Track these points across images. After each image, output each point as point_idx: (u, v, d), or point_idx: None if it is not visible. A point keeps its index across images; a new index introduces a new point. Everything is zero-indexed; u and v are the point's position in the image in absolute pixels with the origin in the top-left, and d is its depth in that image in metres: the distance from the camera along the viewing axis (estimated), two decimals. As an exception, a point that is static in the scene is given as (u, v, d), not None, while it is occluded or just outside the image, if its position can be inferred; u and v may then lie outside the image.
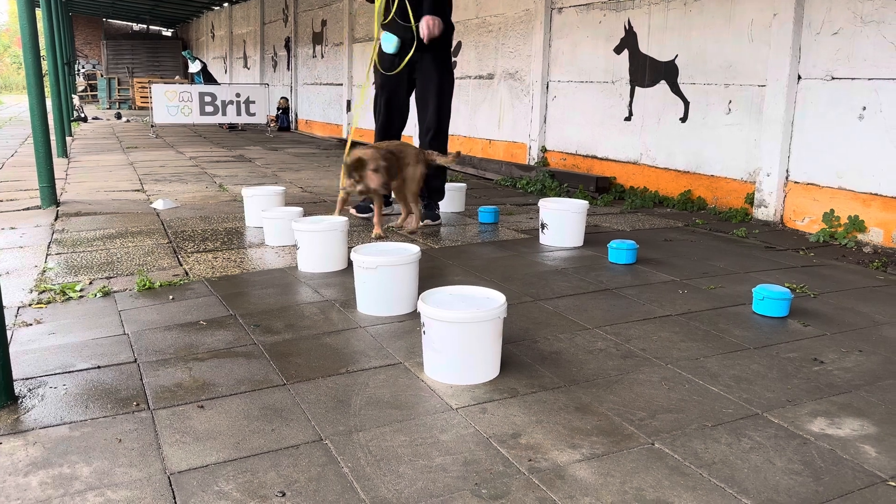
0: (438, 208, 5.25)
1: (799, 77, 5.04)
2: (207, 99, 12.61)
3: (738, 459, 1.96)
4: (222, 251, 4.25)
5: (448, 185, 5.84)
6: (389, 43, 4.91)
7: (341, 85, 13.35)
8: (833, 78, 4.82)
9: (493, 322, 2.42)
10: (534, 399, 2.31)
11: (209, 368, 2.53)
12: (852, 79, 4.70)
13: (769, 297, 3.14)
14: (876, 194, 4.62)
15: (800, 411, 2.25)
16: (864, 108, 4.65)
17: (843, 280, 3.81)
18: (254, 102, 13.03)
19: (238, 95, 12.95)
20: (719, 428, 2.14)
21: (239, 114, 13.00)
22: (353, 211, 5.24)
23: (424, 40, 4.79)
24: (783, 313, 3.14)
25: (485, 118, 8.88)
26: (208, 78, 15.85)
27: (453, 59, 9.54)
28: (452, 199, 5.69)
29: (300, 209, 4.56)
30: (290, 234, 4.09)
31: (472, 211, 5.59)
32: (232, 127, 14.63)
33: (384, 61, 5.03)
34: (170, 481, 1.83)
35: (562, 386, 2.41)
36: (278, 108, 15.49)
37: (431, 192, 5.14)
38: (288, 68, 16.31)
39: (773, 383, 2.46)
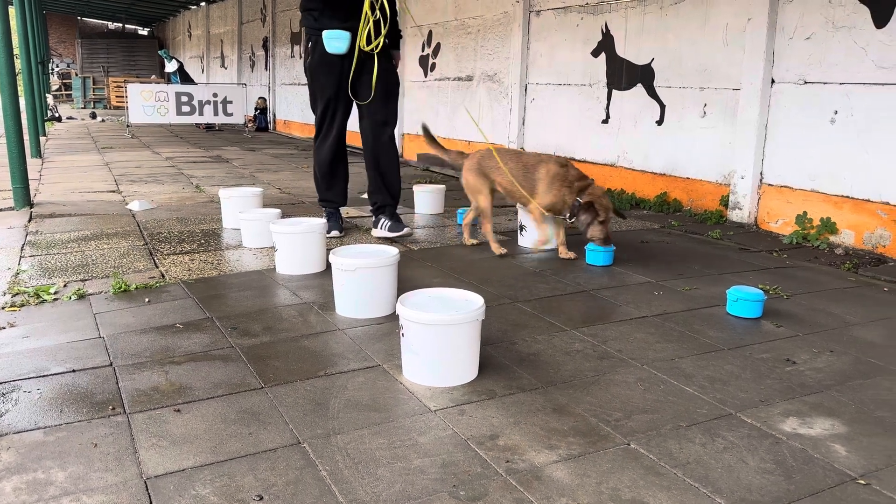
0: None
1: (772, 81, 5.12)
2: (184, 99, 12.51)
3: (712, 459, 1.99)
4: (199, 253, 4.23)
5: (427, 187, 5.85)
6: (341, 41, 4.32)
7: (320, 85, 13.28)
8: (806, 82, 4.90)
9: (472, 324, 2.43)
10: (512, 400, 2.32)
11: (186, 372, 2.51)
12: (824, 83, 4.78)
13: (743, 299, 3.19)
14: (847, 197, 4.70)
15: (772, 411, 2.29)
16: (836, 112, 4.73)
17: (815, 281, 3.88)
18: (231, 102, 12.94)
19: (215, 95, 12.85)
20: (693, 428, 2.17)
21: (216, 114, 12.91)
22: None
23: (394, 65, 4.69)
24: (756, 314, 3.19)
25: (464, 120, 8.90)
26: (185, 77, 15.72)
27: (433, 60, 9.56)
28: (431, 201, 5.71)
29: (278, 211, 4.55)
30: (267, 235, 4.07)
31: (451, 213, 5.60)
32: (209, 127, 14.52)
33: (331, 64, 4.43)
34: (146, 486, 1.82)
35: (539, 387, 2.43)
36: (256, 109, 15.39)
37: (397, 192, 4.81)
38: (266, 68, 16.22)
39: (746, 384, 2.50)
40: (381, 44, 4.39)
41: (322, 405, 2.27)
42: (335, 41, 4.33)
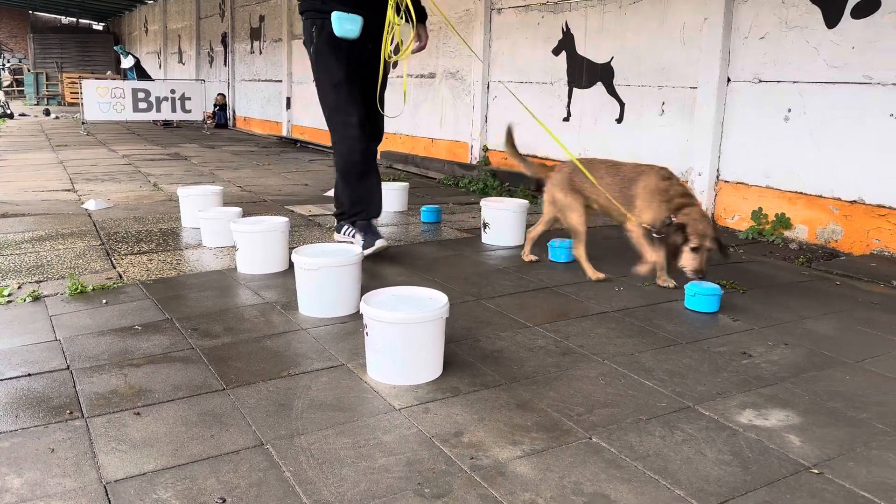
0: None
1: (728, 80, 5.22)
2: (141, 95, 12.28)
3: (671, 451, 2.03)
4: (157, 253, 4.16)
5: (391, 185, 5.83)
6: (353, 24, 3.80)
7: (280, 82, 13.16)
8: (760, 81, 5.01)
9: (436, 322, 2.44)
10: (476, 397, 2.34)
11: (145, 374, 2.48)
12: (778, 81, 4.90)
13: (700, 294, 3.25)
14: (801, 193, 4.82)
15: (729, 403, 2.35)
16: (790, 110, 4.85)
17: (770, 276, 3.97)
18: (190, 99, 12.75)
19: (173, 91, 12.64)
20: (653, 421, 2.21)
21: (174, 110, 12.70)
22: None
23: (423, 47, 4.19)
24: (713, 309, 3.26)
25: (426, 117, 8.90)
26: (142, 73, 15.42)
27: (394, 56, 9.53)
28: (395, 199, 5.69)
29: (239, 209, 4.50)
30: (228, 234, 4.02)
31: (415, 210, 5.60)
32: (167, 124, 14.27)
33: (338, 49, 3.91)
34: (106, 490, 1.79)
35: (503, 384, 2.45)
36: (215, 105, 15.17)
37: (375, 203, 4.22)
38: (225, 64, 15.99)
39: (704, 377, 2.55)
40: (408, 53, 4.01)
41: (285, 406, 2.26)
42: (347, 24, 3.78)
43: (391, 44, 3.87)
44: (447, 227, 5.10)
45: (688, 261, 3.37)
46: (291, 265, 3.24)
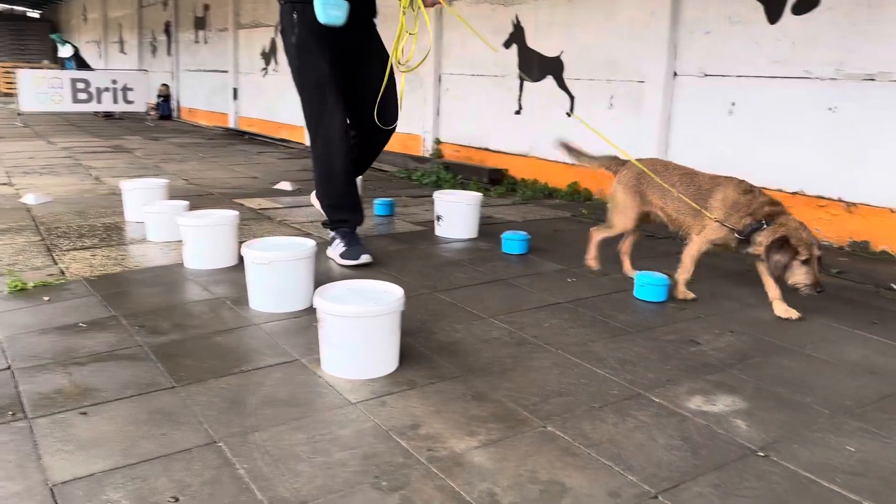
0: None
1: (675, 74, 5.33)
2: (80, 85, 11.89)
3: (624, 438, 2.07)
4: (101, 248, 4.04)
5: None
6: (339, 10, 3.49)
7: (226, 72, 12.91)
8: (706, 75, 5.13)
9: (392, 315, 2.43)
10: (432, 390, 2.34)
11: (91, 373, 2.41)
12: (723, 76, 5.02)
13: (649, 284, 3.32)
14: (744, 185, 4.96)
15: (678, 390, 2.40)
16: (734, 104, 4.97)
17: (715, 266, 4.07)
18: (132, 89, 12.41)
19: (115, 82, 12.29)
20: (606, 409, 2.25)
21: (116, 101, 12.35)
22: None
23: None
24: (662, 298, 3.33)
25: (377, 109, 8.83)
26: (81, 63, 14.92)
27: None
28: (346, 192, 5.64)
29: (185, 202, 4.40)
30: (174, 229, 3.93)
31: (368, 203, 5.56)
32: (108, 115, 13.86)
33: (322, 39, 3.62)
34: (52, 493, 1.73)
35: (459, 375, 2.45)
36: (159, 96, 14.79)
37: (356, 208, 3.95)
38: (168, 54, 15.60)
39: (654, 364, 2.61)
40: (422, 62, 3.75)
41: (238, 403, 2.22)
42: (332, 9, 3.45)
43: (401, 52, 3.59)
44: (400, 220, 5.08)
45: (801, 276, 2.99)
46: (241, 260, 3.18)
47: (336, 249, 3.85)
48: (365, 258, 3.75)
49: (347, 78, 3.75)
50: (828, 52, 4.41)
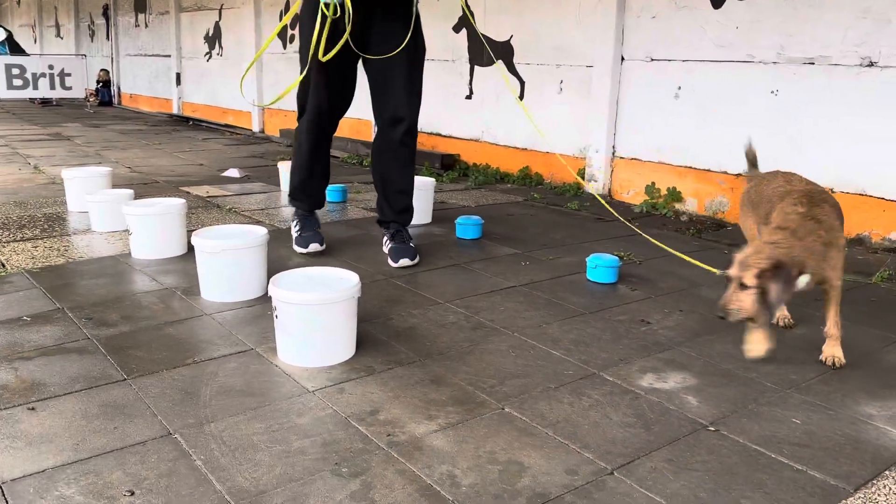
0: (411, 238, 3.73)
1: (622, 58, 5.40)
2: (15, 71, 11.45)
3: (580, 417, 2.11)
4: (43, 239, 3.91)
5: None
6: None
7: (169, 56, 12.57)
8: (652, 59, 5.21)
9: (348, 302, 2.42)
10: (390, 375, 2.35)
11: (38, 367, 2.33)
12: (669, 60, 5.11)
13: (601, 266, 3.38)
14: (691, 167, 5.07)
15: (631, 368, 2.46)
16: (680, 88, 5.07)
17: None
18: (70, 75, 12.01)
19: (51, 67, 11.87)
20: (562, 389, 2.28)
21: (53, 87, 11.93)
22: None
23: None
24: (613, 279, 3.39)
25: (326, 94, 8.72)
26: (14, 48, 14.33)
27: (291, 31, 9.28)
28: (296, 178, 5.57)
29: (130, 191, 4.28)
30: (120, 218, 3.83)
31: (318, 190, 5.51)
32: (45, 102, 13.37)
33: (310, 24, 3.34)
34: (2, 490, 1.68)
35: (417, 360, 2.46)
36: (98, 82, 14.34)
37: (402, 209, 3.71)
38: (108, 38, 15.09)
39: (607, 344, 2.66)
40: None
41: (192, 394, 2.19)
42: None
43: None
44: (353, 206, 5.05)
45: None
46: (191, 248, 3.12)
47: (293, 232, 3.85)
48: (313, 247, 3.69)
49: (346, 65, 3.52)
50: (770, 36, 4.53)
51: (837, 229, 2.52)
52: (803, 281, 2.39)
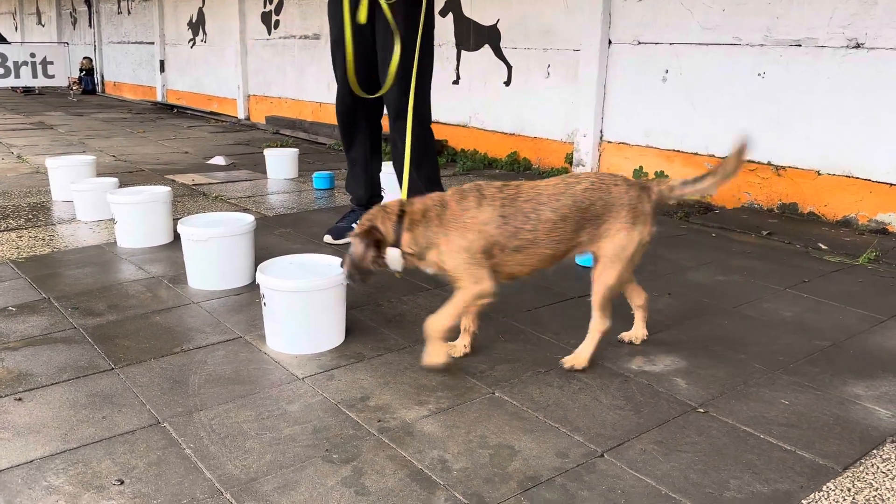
0: None
1: (610, 42, 5.38)
2: (-5, 59, 11.28)
3: (569, 400, 2.12)
4: (27, 229, 3.87)
5: (279, 151, 5.66)
6: None
7: (153, 44, 12.43)
8: (640, 43, 5.20)
9: (337, 289, 2.41)
10: (380, 361, 2.34)
11: (24, 357, 2.31)
12: (657, 43, 5.09)
13: (591, 250, 3.37)
14: (678, 151, 5.07)
15: (620, 352, 2.46)
16: (667, 72, 5.06)
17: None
18: (52, 63, 11.86)
19: (33, 56, 11.71)
20: (551, 373, 2.29)
21: (35, 76, 11.79)
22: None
23: None
24: (603, 264, 3.39)
25: (313, 80, 8.67)
26: (-5, 35, 14.14)
27: (276, 16, 9.19)
28: (284, 165, 5.54)
29: (115, 180, 4.24)
30: (105, 207, 3.79)
31: (307, 177, 5.48)
32: (28, 91, 13.20)
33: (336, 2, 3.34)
34: (-12, 483, 1.67)
35: (406, 346, 2.46)
36: (81, 70, 14.16)
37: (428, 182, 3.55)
38: (90, 25, 14.90)
39: (597, 329, 2.66)
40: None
41: (181, 382, 2.18)
42: None
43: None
44: (341, 193, 5.02)
45: None
46: (177, 237, 3.10)
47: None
48: (327, 238, 3.73)
49: (364, 51, 3.45)
50: (757, 18, 4.52)
51: (465, 228, 2.18)
52: (394, 256, 2.24)
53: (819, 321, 2.78)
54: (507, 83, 6.26)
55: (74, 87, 13.57)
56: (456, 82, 6.76)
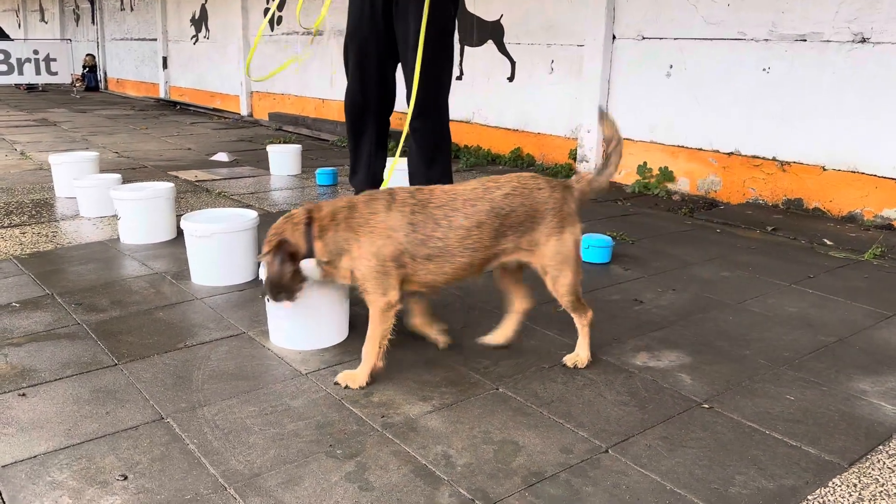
0: None
1: (614, 37, 5.36)
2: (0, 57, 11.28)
3: (574, 396, 2.11)
4: (31, 225, 3.87)
5: (282, 147, 5.65)
6: None
7: (155, 40, 12.42)
8: (644, 38, 5.18)
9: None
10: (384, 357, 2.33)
11: (28, 353, 2.31)
12: (661, 38, 5.07)
13: (594, 246, 3.37)
14: (683, 146, 5.06)
15: (624, 348, 2.45)
16: (671, 67, 5.04)
17: (656, 226, 4.16)
18: (55, 60, 11.87)
19: (36, 52, 11.72)
20: (555, 368, 2.28)
21: (38, 73, 11.80)
22: None
23: None
24: (606, 259, 3.38)
25: (316, 76, 8.66)
26: (-2, 32, 14.14)
27: (278, 13, 9.18)
28: (287, 162, 5.54)
29: (118, 176, 4.24)
30: (108, 203, 3.79)
31: (310, 173, 5.48)
32: (31, 87, 13.21)
33: None
34: (-9, 479, 1.67)
35: (409, 343, 2.44)
36: (84, 66, 14.17)
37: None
38: (93, 22, 14.90)
39: (600, 324, 2.64)
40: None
41: (184, 378, 2.17)
42: None
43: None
44: (344, 189, 5.01)
45: None
46: (180, 233, 3.09)
47: None
48: None
49: (379, 45, 3.40)
50: (762, 13, 4.50)
51: (373, 233, 2.07)
52: (310, 267, 2.12)
53: (824, 317, 2.77)
54: (511, 79, 6.24)
55: (77, 84, 13.57)
56: (459, 78, 6.74)
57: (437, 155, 3.53)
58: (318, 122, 8.12)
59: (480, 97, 6.55)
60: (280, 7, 9.13)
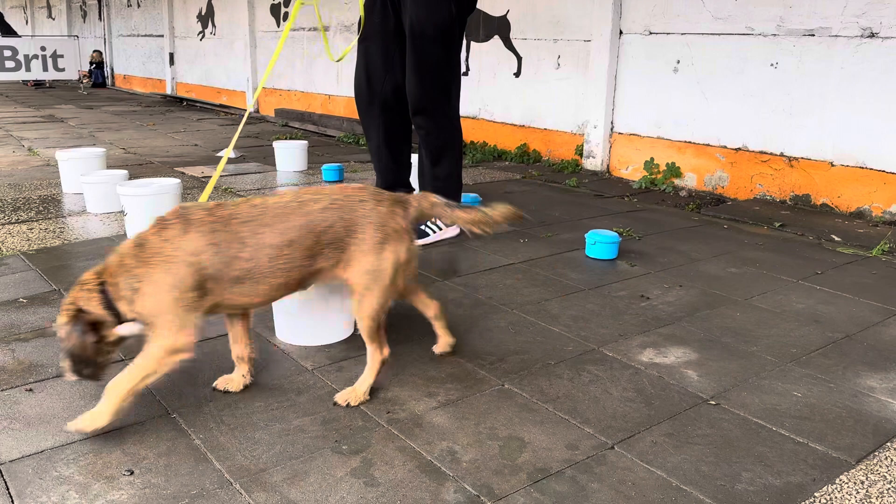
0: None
1: (621, 32, 5.34)
2: (7, 53, 11.34)
3: (580, 392, 2.10)
4: (38, 221, 3.88)
5: (288, 143, 5.66)
6: None
7: (162, 37, 12.45)
8: (651, 33, 5.15)
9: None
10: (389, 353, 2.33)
11: (35, 349, 2.32)
12: (668, 33, 5.05)
13: (600, 242, 3.36)
14: (690, 142, 5.04)
15: (631, 344, 2.45)
16: (679, 62, 5.02)
17: (663, 222, 4.15)
18: (62, 56, 11.90)
19: (43, 49, 11.75)
20: (561, 365, 2.28)
21: (46, 69, 11.83)
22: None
23: None
24: (613, 256, 3.37)
25: (322, 72, 8.66)
26: (6, 29, 14.19)
27: (285, 9, 9.18)
28: (293, 158, 5.54)
29: (125, 172, 4.25)
30: (115, 199, 3.80)
31: (316, 169, 5.48)
32: (38, 84, 13.25)
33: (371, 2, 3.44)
34: (1, 472, 1.68)
35: (415, 338, 2.45)
36: (91, 63, 14.20)
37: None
38: (100, 18, 14.94)
39: (606, 320, 2.65)
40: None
41: (191, 374, 2.18)
42: None
43: None
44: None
45: None
46: (188, 228, 3.09)
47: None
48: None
49: (385, 35, 3.45)
50: (770, 7, 4.47)
51: (170, 262, 1.81)
52: (130, 330, 1.87)
53: (832, 313, 2.76)
54: (517, 74, 6.23)
55: (85, 81, 13.62)
56: (465, 74, 6.73)
57: (443, 154, 3.55)
58: (325, 119, 8.13)
59: (487, 93, 6.54)
60: (286, 3, 9.12)
